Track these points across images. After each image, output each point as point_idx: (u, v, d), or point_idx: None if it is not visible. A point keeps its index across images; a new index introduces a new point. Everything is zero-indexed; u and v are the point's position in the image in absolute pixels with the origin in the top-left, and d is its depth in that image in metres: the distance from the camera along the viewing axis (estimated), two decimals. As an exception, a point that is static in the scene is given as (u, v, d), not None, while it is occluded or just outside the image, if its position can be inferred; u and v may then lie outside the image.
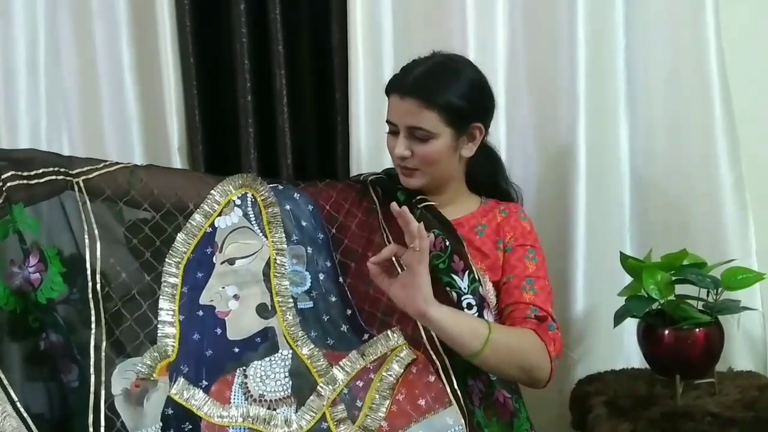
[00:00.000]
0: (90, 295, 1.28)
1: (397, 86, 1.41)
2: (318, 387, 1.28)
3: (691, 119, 1.70)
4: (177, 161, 1.74)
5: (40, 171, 1.33)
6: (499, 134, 1.74)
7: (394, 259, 1.31)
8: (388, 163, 1.61)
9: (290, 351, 1.32)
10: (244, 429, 1.24)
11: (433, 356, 1.31)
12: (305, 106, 1.79)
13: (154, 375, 1.26)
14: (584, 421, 1.51)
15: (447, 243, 1.36)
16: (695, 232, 1.69)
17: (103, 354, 1.25)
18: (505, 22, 1.75)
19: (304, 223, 1.45)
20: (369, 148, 1.72)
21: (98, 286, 1.29)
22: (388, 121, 1.44)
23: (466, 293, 1.34)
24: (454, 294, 1.34)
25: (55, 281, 1.27)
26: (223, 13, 1.75)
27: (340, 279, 1.43)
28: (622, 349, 1.73)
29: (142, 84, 1.77)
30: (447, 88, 1.39)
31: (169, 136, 1.74)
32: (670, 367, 1.48)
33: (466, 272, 1.35)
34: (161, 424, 1.22)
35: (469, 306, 1.33)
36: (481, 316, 1.33)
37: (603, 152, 1.73)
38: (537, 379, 1.33)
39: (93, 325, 1.26)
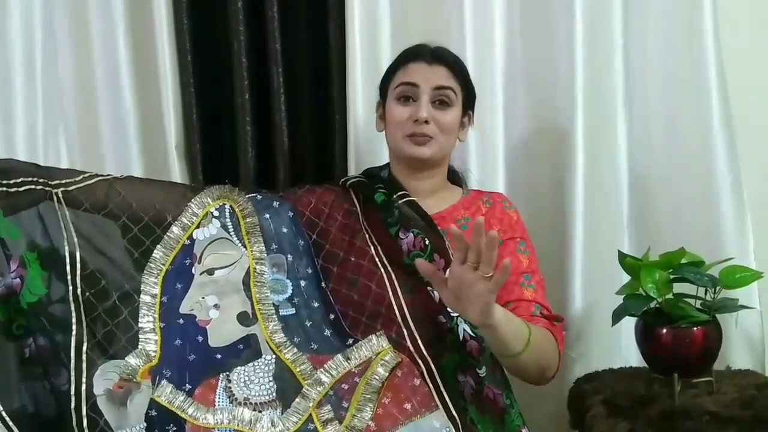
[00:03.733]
0: (71, 299, 1.27)
1: (422, 55, 1.48)
2: (303, 389, 1.28)
3: (689, 119, 1.70)
4: (174, 159, 1.73)
5: (20, 180, 1.32)
6: (497, 133, 1.74)
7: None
8: (386, 160, 1.61)
9: (273, 356, 1.31)
10: (230, 431, 1.23)
11: (418, 360, 1.30)
12: (303, 105, 1.79)
13: (136, 377, 1.25)
14: (582, 420, 1.50)
15: (426, 242, 1.37)
16: (693, 231, 1.68)
17: (85, 356, 1.24)
18: (503, 22, 1.75)
19: (284, 230, 1.45)
20: (367, 145, 1.71)
21: (78, 291, 1.28)
22: (406, 83, 1.45)
23: None
24: (436, 293, 1.34)
25: (35, 285, 1.26)
26: (221, 11, 1.74)
27: (323, 284, 1.42)
28: (620, 348, 1.73)
29: (139, 82, 1.76)
30: (464, 67, 1.49)
31: (166, 134, 1.73)
32: (668, 366, 1.47)
33: (448, 270, 1.34)
34: (145, 424, 1.21)
35: None
36: None
37: (601, 151, 1.74)
38: (546, 378, 1.37)
39: (74, 329, 1.25)
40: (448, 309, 1.31)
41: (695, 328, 1.45)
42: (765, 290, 1.66)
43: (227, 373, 1.29)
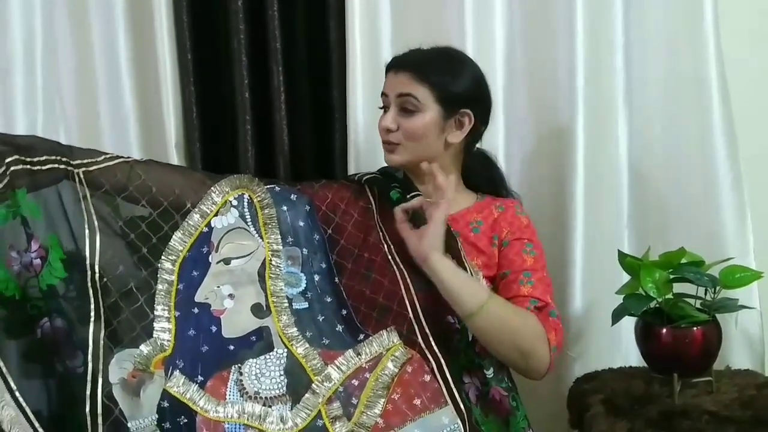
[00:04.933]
0: (89, 284, 1.27)
1: (395, 63, 1.47)
2: (313, 385, 1.28)
3: (689, 118, 1.70)
4: (174, 158, 1.73)
5: (43, 158, 1.32)
6: (498, 132, 1.74)
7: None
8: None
9: (285, 350, 1.31)
10: (240, 425, 1.23)
11: (428, 356, 1.30)
12: (303, 103, 1.79)
13: (150, 367, 1.26)
14: (582, 420, 1.50)
15: None
16: (693, 231, 1.69)
17: (102, 343, 1.24)
18: (503, 20, 1.75)
19: (300, 224, 1.45)
20: (366, 145, 1.71)
21: (96, 276, 1.28)
22: (381, 94, 1.48)
23: None
24: None
25: (55, 267, 1.26)
26: (221, 10, 1.74)
27: (336, 279, 1.42)
28: (620, 348, 1.73)
29: (139, 80, 1.76)
30: (441, 68, 1.45)
31: (166, 132, 1.73)
32: (668, 366, 1.48)
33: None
34: (157, 416, 1.22)
35: None
36: None
37: (601, 150, 1.73)
38: (534, 368, 1.32)
39: (92, 315, 1.25)
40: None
41: (695, 328, 1.45)
42: (765, 290, 1.66)
43: (239, 365, 1.29)
